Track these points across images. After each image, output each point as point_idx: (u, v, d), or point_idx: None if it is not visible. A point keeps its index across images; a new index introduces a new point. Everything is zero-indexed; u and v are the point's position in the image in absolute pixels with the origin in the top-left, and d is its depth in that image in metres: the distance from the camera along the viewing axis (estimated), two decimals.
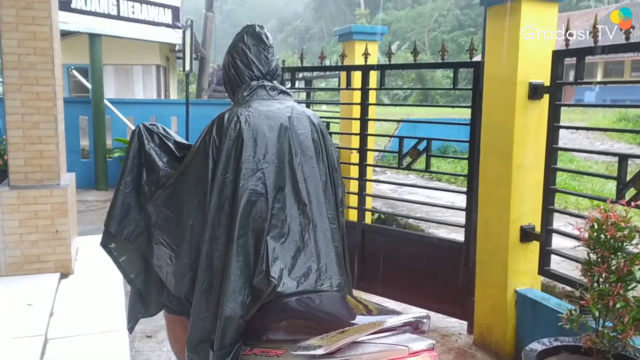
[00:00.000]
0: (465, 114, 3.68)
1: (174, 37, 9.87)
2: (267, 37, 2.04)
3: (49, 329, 3.05)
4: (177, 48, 12.69)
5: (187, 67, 6.70)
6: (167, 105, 10.93)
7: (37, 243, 3.86)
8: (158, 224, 1.98)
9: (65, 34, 8.38)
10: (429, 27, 48.77)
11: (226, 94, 2.19)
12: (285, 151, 1.88)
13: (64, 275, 3.92)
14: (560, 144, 3.02)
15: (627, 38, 2.52)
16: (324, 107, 8.22)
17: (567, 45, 2.85)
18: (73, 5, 8.17)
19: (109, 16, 8.63)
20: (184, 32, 6.69)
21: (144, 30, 9.37)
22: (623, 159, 2.53)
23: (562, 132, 3.04)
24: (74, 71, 10.20)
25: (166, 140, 2.12)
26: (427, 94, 33.28)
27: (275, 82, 2.05)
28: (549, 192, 2.96)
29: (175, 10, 9.73)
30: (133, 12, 8.96)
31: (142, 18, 9.16)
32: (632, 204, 2.27)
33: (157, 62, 13.38)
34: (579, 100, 26.57)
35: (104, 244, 2.13)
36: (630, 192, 2.48)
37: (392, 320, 1.40)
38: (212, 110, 10.21)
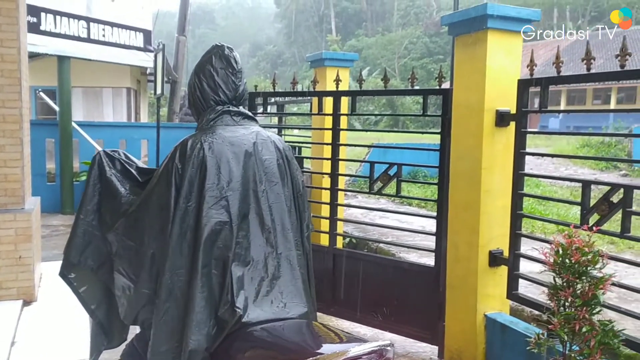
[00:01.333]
0: (435, 139, 3.75)
1: (145, 60, 9.83)
2: (236, 61, 2.00)
3: (10, 359, 2.94)
4: (148, 71, 12.64)
5: (159, 91, 6.67)
6: (137, 128, 10.81)
7: (0, 269, 3.74)
8: (118, 252, 1.93)
9: (33, 56, 8.25)
10: (399, 53, 49.74)
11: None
12: (250, 178, 1.86)
13: (26, 303, 3.80)
14: (527, 169, 3.10)
15: (588, 69, 2.61)
16: (295, 131, 8.26)
17: (531, 74, 2.94)
18: (42, 28, 8.07)
19: (78, 39, 8.55)
20: (155, 56, 6.67)
21: (115, 53, 9.31)
22: (586, 185, 2.60)
23: (528, 157, 3.12)
24: (42, 93, 10.04)
25: (128, 167, 2.07)
26: (398, 119, 33.77)
27: (240, 107, 2.02)
28: (516, 217, 3.03)
29: (147, 34, 9.70)
30: (104, 35, 8.90)
31: (112, 41, 9.11)
32: (595, 229, 2.34)
33: (127, 85, 13.27)
34: (544, 127, 27.34)
35: (63, 274, 2.06)
36: (594, 217, 2.56)
37: (355, 350, 1.42)
38: (183, 133, 10.09)
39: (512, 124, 3.07)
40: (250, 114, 2.05)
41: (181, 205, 1.78)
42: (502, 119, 3.11)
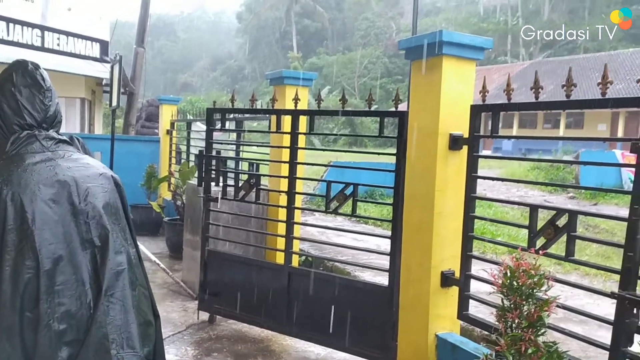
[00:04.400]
0: (393, 159, 3.81)
1: (101, 71, 9.65)
2: (43, 79, 1.75)
3: None
4: (104, 82, 12.37)
5: (114, 103, 6.54)
6: (90, 139, 10.51)
7: None
8: None
9: None
10: (358, 73, 50.49)
11: (156, 130, 2.05)
12: (63, 213, 1.60)
13: None
14: (480, 189, 3.18)
15: (537, 97, 2.72)
16: (254, 148, 8.22)
17: (483, 100, 3.04)
18: None
19: (32, 47, 8.33)
20: (112, 67, 6.55)
21: (70, 63, 9.12)
22: (534, 209, 2.69)
23: (479, 183, 3.21)
24: None
25: None
26: (357, 138, 34.17)
27: (52, 131, 1.76)
28: (468, 238, 3.10)
29: (104, 45, 9.55)
30: (58, 45, 8.71)
31: (68, 50, 8.92)
32: (541, 252, 2.42)
33: (81, 95, 12.93)
34: (497, 148, 28.20)
35: None
36: (541, 240, 2.65)
37: None
38: (139, 146, 9.99)
39: (465, 148, 3.15)
40: (65, 138, 1.80)
41: None
42: (455, 142, 3.18)
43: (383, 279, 4.14)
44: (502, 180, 3.36)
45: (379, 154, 4.04)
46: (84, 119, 13.25)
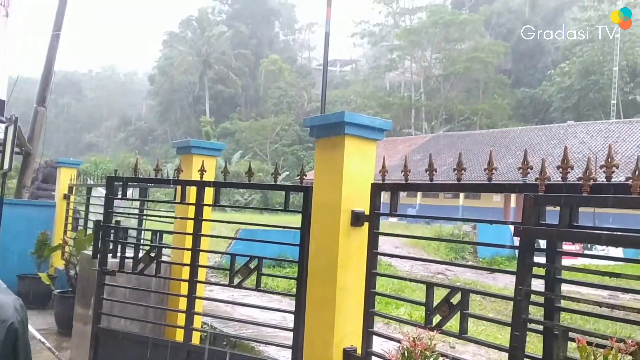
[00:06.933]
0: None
1: None
2: None
3: None
4: None
5: (6, 166, 6.12)
6: None
7: None
8: None
9: None
10: (271, 139, 51.25)
11: (53, 193, 1.83)
12: None
13: None
14: (386, 248, 3.25)
15: (431, 179, 2.89)
16: (159, 216, 7.94)
17: (383, 179, 3.18)
18: None
19: None
20: (6, 128, 6.18)
21: None
22: (430, 287, 2.79)
23: (387, 244, 3.29)
24: None
25: None
26: (267, 203, 34.15)
27: None
28: (369, 315, 3.13)
29: (0, 103, 9.02)
30: None
31: None
32: (436, 331, 2.48)
33: None
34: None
35: None
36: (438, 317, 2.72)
37: None
38: (31, 211, 9.34)
39: (366, 224, 3.24)
40: None
41: None
42: (357, 219, 3.27)
43: (288, 354, 4.05)
44: (401, 257, 3.47)
45: (284, 227, 4.05)
46: None
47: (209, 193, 4.27)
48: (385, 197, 3.24)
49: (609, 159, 2.08)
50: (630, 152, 27.43)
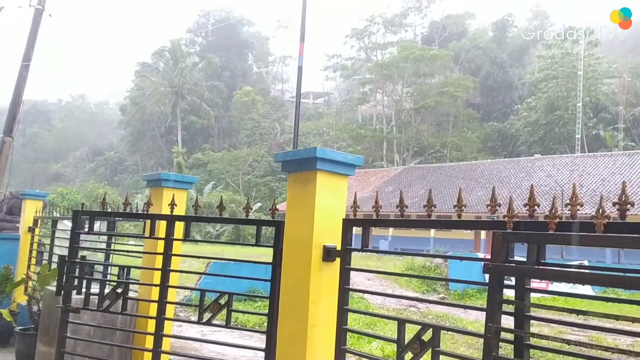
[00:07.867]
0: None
1: None
2: None
3: None
4: None
5: None
6: None
7: None
8: None
9: None
10: (243, 170, 51.12)
11: (18, 225, 1.83)
12: None
13: None
14: (359, 281, 3.23)
15: (402, 215, 2.91)
16: (127, 251, 7.77)
17: (354, 215, 3.18)
18: None
19: None
20: None
21: None
22: (402, 324, 2.78)
23: (359, 276, 3.28)
24: None
25: None
26: (239, 234, 33.80)
27: None
28: (340, 352, 3.09)
29: None
30: None
31: None
32: None
33: None
34: (375, 246, 29.34)
35: None
36: (409, 354, 2.71)
37: None
38: None
39: (338, 260, 3.23)
40: None
41: None
42: (328, 254, 3.25)
43: None
44: (372, 293, 3.46)
45: (255, 262, 4.00)
46: None
47: (179, 227, 4.21)
48: (357, 229, 3.25)
49: (574, 198, 2.13)
50: (595, 185, 28.25)
